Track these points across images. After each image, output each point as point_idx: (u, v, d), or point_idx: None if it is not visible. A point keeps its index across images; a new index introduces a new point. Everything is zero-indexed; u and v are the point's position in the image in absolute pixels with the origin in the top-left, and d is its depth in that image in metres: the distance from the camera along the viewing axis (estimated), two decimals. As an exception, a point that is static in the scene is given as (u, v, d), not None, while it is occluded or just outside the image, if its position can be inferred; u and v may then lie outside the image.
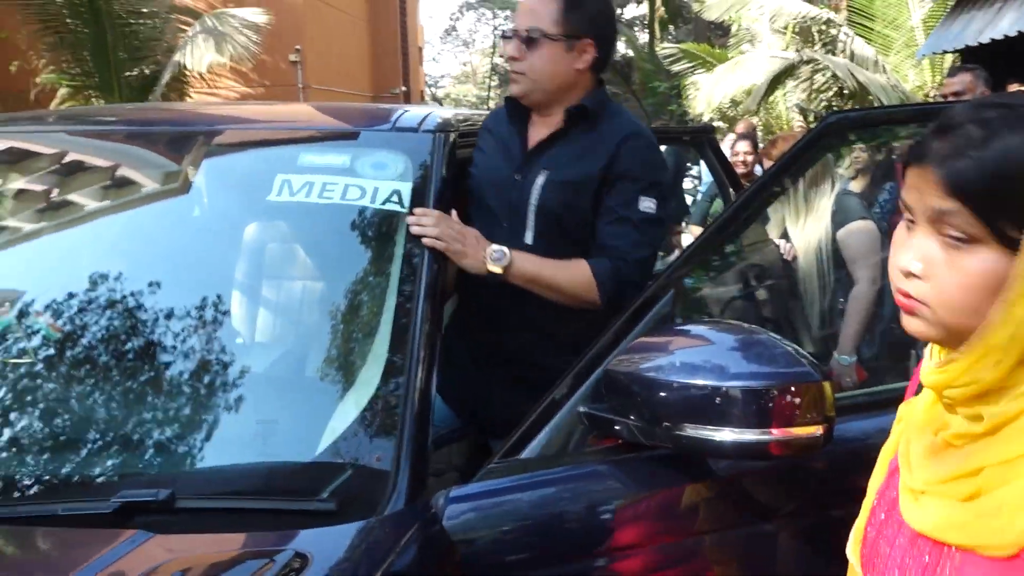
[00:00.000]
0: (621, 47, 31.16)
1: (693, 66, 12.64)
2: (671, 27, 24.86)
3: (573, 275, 1.71)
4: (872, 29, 10.21)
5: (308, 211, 1.65)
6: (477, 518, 1.25)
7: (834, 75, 9.17)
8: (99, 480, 1.22)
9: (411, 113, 1.90)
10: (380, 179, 1.68)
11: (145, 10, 9.97)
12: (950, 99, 3.89)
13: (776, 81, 9.81)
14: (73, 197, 1.81)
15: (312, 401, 1.41)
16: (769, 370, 1.20)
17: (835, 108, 9.46)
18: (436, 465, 1.44)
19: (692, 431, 1.19)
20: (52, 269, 1.63)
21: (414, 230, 1.54)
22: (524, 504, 1.29)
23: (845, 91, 9.58)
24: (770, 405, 1.16)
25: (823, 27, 10.40)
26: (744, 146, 5.28)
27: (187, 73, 9.82)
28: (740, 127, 6.70)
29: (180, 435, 1.30)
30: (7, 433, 1.29)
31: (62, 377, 1.38)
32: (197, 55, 8.94)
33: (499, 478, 1.29)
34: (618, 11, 33.42)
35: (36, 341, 1.46)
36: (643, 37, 26.69)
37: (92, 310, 1.47)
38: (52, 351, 1.43)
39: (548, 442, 1.32)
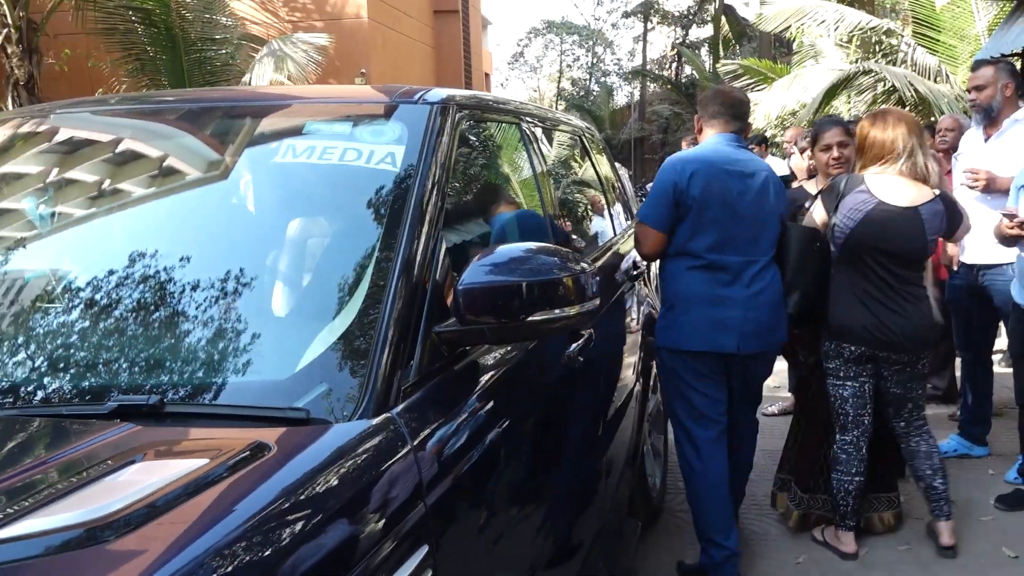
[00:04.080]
0: (686, 69, 31.11)
1: (754, 82, 12.60)
2: (737, 47, 24.78)
3: None
4: (937, 40, 10.03)
5: (310, 170, 1.82)
6: (414, 427, 1.40)
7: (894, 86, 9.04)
8: (107, 390, 1.38)
9: (416, 90, 2.04)
10: (377, 143, 1.83)
11: (218, 37, 10.52)
12: (971, 93, 3.86)
13: (833, 92, 9.71)
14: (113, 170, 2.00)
15: (298, 328, 1.55)
16: (569, 265, 1.60)
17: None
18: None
19: (543, 316, 1.54)
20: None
21: None
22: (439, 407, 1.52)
23: (907, 102, 9.43)
24: (585, 286, 1.60)
25: (882, 37, 10.25)
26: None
27: (256, 95, 10.28)
28: (788, 134, 6.77)
29: (180, 355, 1.45)
30: (36, 350, 1.48)
31: (87, 308, 1.56)
32: (260, 74, 9.35)
33: (418, 391, 1.47)
34: (683, 33, 33.33)
35: (62, 287, 1.64)
36: (710, 61, 26.68)
37: (112, 254, 1.65)
38: (79, 293, 1.60)
39: (420, 363, 1.50)
